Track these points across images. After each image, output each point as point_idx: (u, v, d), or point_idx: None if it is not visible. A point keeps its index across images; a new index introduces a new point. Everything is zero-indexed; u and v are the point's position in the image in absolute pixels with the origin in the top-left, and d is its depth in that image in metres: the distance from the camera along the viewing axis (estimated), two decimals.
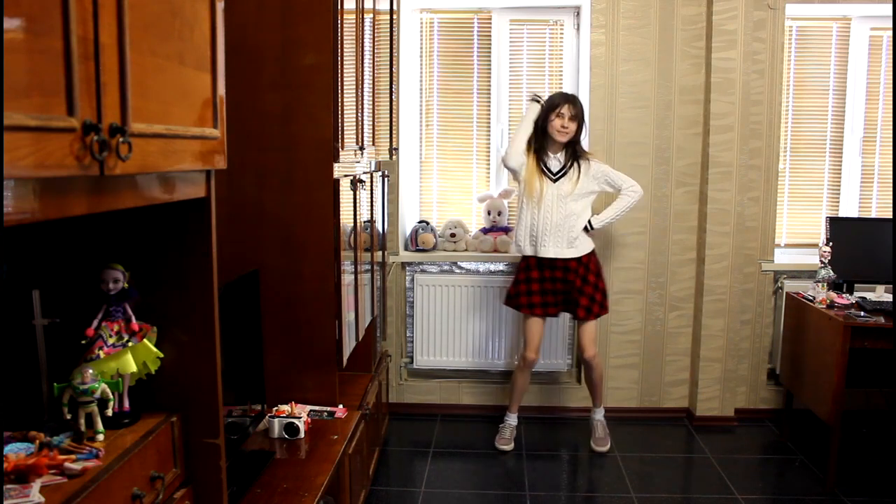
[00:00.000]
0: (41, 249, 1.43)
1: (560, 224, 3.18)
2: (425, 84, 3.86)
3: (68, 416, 1.31)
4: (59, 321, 1.39)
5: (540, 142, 3.23)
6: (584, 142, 3.33)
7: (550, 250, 3.19)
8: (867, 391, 3.63)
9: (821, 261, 3.29)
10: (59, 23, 0.87)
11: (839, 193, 3.86)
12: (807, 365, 3.28)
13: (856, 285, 3.38)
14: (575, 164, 3.20)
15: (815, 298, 3.22)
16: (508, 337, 3.79)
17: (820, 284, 3.24)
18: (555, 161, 3.22)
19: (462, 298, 3.77)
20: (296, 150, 2.32)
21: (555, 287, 3.26)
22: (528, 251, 3.24)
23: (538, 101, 3.25)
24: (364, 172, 2.82)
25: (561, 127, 3.16)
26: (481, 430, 3.65)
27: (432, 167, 3.91)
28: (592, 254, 3.29)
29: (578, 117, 3.18)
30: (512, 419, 3.48)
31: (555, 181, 3.19)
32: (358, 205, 2.62)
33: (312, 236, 2.35)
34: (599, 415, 3.46)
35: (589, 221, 3.25)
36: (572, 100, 3.19)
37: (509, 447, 3.39)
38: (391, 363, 3.78)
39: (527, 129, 3.24)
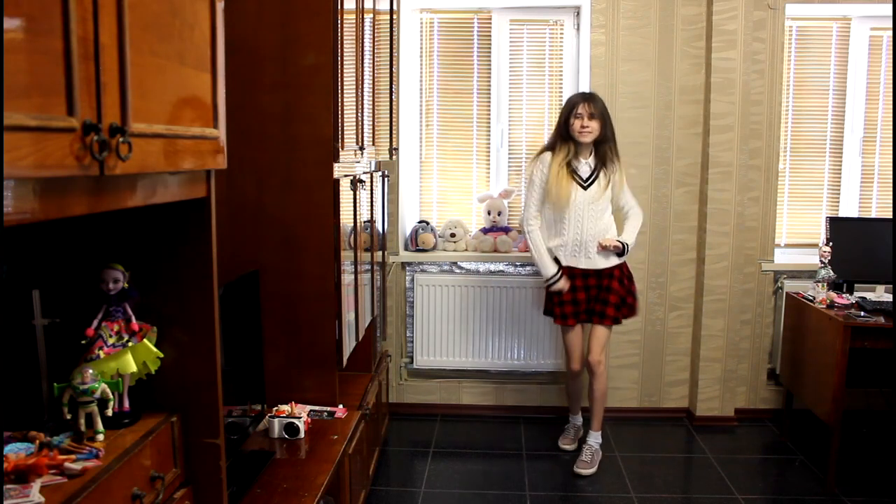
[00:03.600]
0: (41, 249, 1.43)
1: (595, 236, 3.10)
2: (425, 84, 3.85)
3: (68, 416, 1.31)
4: (59, 321, 1.39)
5: (567, 146, 3.08)
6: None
7: (583, 262, 3.12)
8: (867, 391, 3.63)
9: (821, 261, 3.29)
10: (59, 23, 0.87)
11: (839, 193, 3.86)
12: (807, 365, 3.28)
13: (856, 285, 3.38)
14: (605, 169, 3.09)
15: (815, 298, 3.22)
16: (508, 337, 3.78)
17: (820, 284, 3.24)
18: (585, 166, 3.10)
19: (462, 298, 3.77)
20: (296, 150, 2.32)
21: (589, 294, 3.16)
22: (570, 262, 3.15)
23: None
24: (364, 172, 2.82)
25: (581, 127, 3.02)
26: (481, 430, 3.65)
27: (432, 167, 3.91)
28: (624, 262, 3.20)
29: (599, 115, 3.04)
30: (576, 420, 3.49)
31: (586, 188, 3.08)
32: (358, 205, 2.62)
33: (312, 236, 2.35)
34: (593, 439, 3.24)
35: (625, 245, 3.12)
36: (590, 97, 3.07)
37: (572, 447, 3.39)
38: (391, 363, 3.78)
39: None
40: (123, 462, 1.24)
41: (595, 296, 3.17)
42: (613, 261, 3.15)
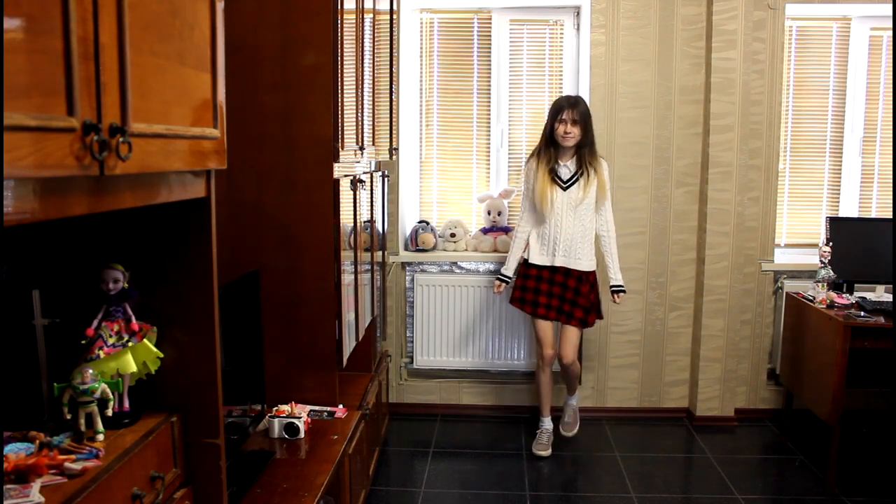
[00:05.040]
0: (41, 249, 1.43)
1: (573, 235, 3.19)
2: (425, 84, 3.85)
3: (68, 416, 1.31)
4: (59, 321, 1.39)
5: (549, 151, 3.20)
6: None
7: (560, 259, 3.21)
8: (867, 391, 3.63)
9: (821, 261, 3.29)
10: (59, 23, 0.87)
11: (839, 193, 3.86)
12: (807, 365, 3.28)
13: (856, 285, 3.38)
14: (585, 172, 3.18)
15: (815, 298, 3.22)
16: (508, 337, 3.78)
17: (820, 284, 3.24)
18: (565, 169, 3.20)
19: (462, 298, 3.77)
20: (296, 150, 2.32)
21: (555, 290, 3.26)
22: (544, 261, 3.25)
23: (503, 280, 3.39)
24: (364, 172, 2.82)
25: (564, 133, 3.14)
26: (481, 430, 3.66)
27: (432, 167, 3.91)
28: (594, 271, 3.29)
29: (581, 120, 3.13)
30: (547, 423, 3.42)
31: (565, 189, 3.18)
32: (358, 205, 2.62)
33: (312, 236, 2.35)
34: (573, 400, 3.47)
35: (618, 287, 3.31)
36: (573, 103, 3.16)
37: (547, 453, 3.33)
38: (391, 363, 3.78)
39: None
40: (123, 462, 1.24)
41: (561, 294, 3.24)
42: (586, 265, 3.23)
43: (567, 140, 3.15)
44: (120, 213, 1.24)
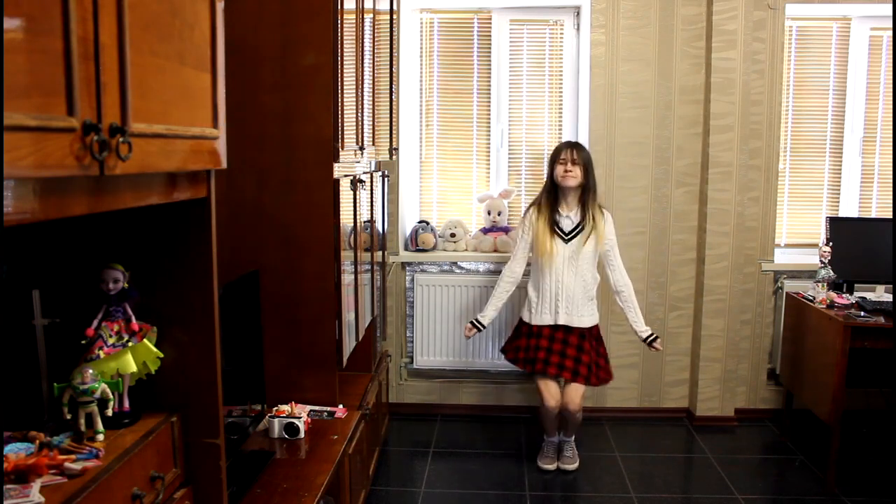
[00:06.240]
0: (41, 249, 1.43)
1: (574, 291, 3.08)
2: (425, 84, 3.85)
3: (68, 416, 1.31)
4: (59, 321, 1.39)
5: (551, 199, 3.11)
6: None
7: (563, 317, 3.09)
8: (867, 391, 3.63)
9: (821, 261, 3.29)
10: (59, 23, 0.87)
11: (839, 193, 3.86)
12: (807, 365, 3.28)
13: (856, 285, 3.38)
14: (588, 223, 3.07)
15: (815, 298, 3.22)
16: (508, 338, 3.78)
17: (820, 284, 3.24)
18: (567, 220, 3.10)
19: (462, 298, 3.77)
20: (296, 150, 2.32)
21: (555, 347, 3.12)
22: (545, 320, 3.12)
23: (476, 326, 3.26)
24: (364, 172, 2.82)
25: (564, 172, 3.05)
26: (481, 430, 3.65)
27: (432, 167, 3.91)
28: (596, 325, 3.20)
29: (581, 161, 3.06)
30: (552, 439, 3.29)
31: (567, 241, 3.08)
32: (358, 205, 2.62)
33: (312, 236, 2.35)
34: (571, 441, 3.28)
35: (651, 336, 3.18)
36: (573, 145, 3.11)
37: (553, 466, 3.22)
38: (391, 363, 3.78)
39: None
40: (123, 462, 1.24)
41: (561, 350, 3.10)
42: (588, 321, 3.13)
43: (567, 179, 3.04)
44: (120, 213, 1.24)
